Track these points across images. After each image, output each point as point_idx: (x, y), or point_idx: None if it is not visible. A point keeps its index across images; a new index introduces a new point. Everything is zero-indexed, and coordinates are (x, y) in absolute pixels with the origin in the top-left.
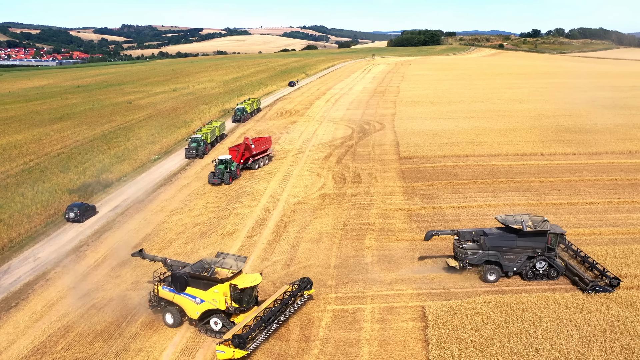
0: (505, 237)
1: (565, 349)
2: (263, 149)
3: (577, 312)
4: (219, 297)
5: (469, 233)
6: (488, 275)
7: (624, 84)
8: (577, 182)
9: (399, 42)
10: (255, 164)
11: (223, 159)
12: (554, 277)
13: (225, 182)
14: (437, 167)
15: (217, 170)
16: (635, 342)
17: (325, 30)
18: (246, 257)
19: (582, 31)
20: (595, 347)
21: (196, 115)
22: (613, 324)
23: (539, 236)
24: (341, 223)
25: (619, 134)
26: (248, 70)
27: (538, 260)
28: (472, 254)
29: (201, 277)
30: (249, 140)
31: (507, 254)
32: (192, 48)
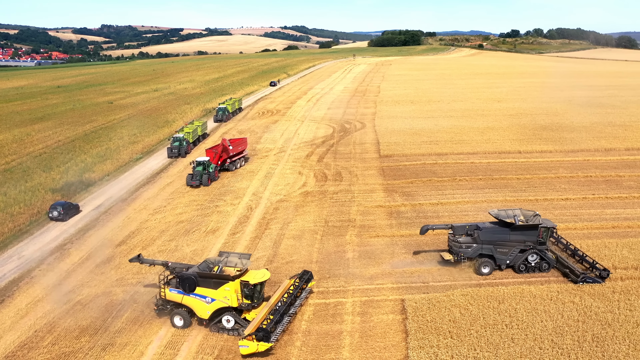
0: (498, 231)
1: (540, 338)
2: (240, 150)
3: (551, 304)
4: (230, 294)
5: (463, 227)
6: (482, 268)
7: (600, 83)
8: (553, 179)
9: (379, 42)
10: (233, 165)
11: (201, 160)
12: (546, 269)
13: (204, 184)
14: (417, 165)
15: (195, 172)
16: (606, 331)
17: (306, 31)
18: (250, 254)
19: (560, 31)
20: (569, 336)
21: (178, 115)
22: (585, 314)
23: (530, 230)
24: (323, 220)
25: (594, 132)
26: (229, 70)
27: (530, 254)
28: (466, 247)
29: (212, 275)
30: (227, 141)
31: (500, 247)
32: (172, 48)
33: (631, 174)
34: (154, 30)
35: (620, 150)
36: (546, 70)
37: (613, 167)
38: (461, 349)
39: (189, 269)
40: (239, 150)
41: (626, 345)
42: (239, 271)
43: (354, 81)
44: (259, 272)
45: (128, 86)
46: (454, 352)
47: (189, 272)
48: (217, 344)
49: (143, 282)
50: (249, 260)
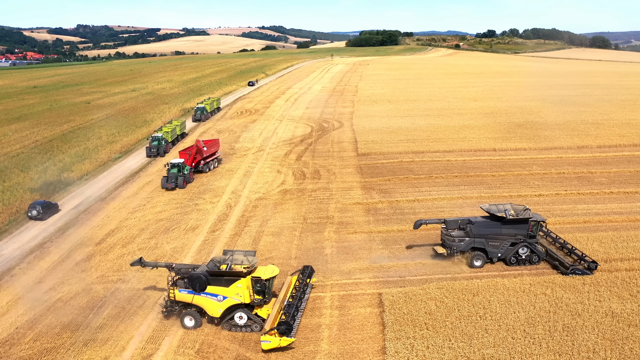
0: (490, 225)
1: (512, 328)
2: (213, 151)
3: (523, 295)
4: (242, 291)
5: (455, 221)
6: (474, 261)
7: (573, 82)
8: (527, 175)
9: (357, 42)
10: (207, 166)
11: (176, 162)
12: (536, 262)
13: (180, 186)
14: (394, 163)
15: (170, 175)
16: (576, 321)
17: (284, 31)
18: (255, 251)
19: (536, 32)
20: (540, 326)
21: (156, 114)
22: (557, 305)
23: (521, 224)
24: (301, 217)
25: (567, 130)
26: (207, 70)
27: (521, 247)
28: (459, 241)
29: (225, 273)
30: (201, 142)
31: (492, 240)
32: (149, 48)
33: (602, 171)
34: (130, 30)
35: (592, 147)
36: (521, 69)
37: (585, 164)
38: (436, 339)
39: (195, 269)
40: (212, 152)
41: (595, 334)
42: (247, 268)
43: (332, 81)
44: (268, 267)
45: (105, 86)
46: (430, 342)
47: (198, 271)
48: (197, 338)
49: (124, 280)
50: (255, 256)
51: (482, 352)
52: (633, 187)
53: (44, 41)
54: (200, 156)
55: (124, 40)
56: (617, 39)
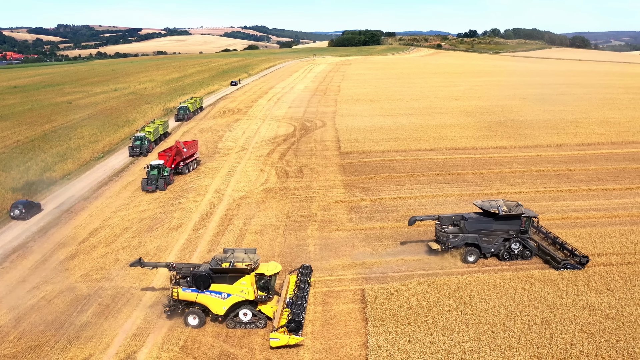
0: (483, 221)
1: (492, 322)
2: (192, 153)
3: (503, 290)
4: (247, 288)
5: (449, 218)
6: (468, 257)
7: (553, 81)
8: (507, 173)
9: (339, 42)
10: (186, 167)
11: (155, 164)
12: (528, 257)
13: (160, 188)
14: (377, 162)
15: (150, 177)
16: (554, 314)
17: (266, 31)
18: (255, 248)
19: (517, 31)
20: (519, 320)
21: (138, 114)
22: (535, 300)
23: (514, 219)
24: (284, 215)
25: (547, 128)
26: (189, 70)
27: (513, 242)
28: (453, 237)
29: (230, 270)
30: (181, 143)
31: (485, 236)
32: (131, 48)
33: (581, 168)
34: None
35: (571, 145)
36: (502, 69)
37: (564, 162)
38: (418, 334)
39: (197, 267)
40: (191, 153)
41: (572, 327)
42: (249, 265)
43: (315, 80)
44: (270, 264)
45: (87, 86)
46: (411, 337)
47: (201, 270)
48: (182, 334)
49: (107, 278)
50: (255, 253)
51: (462, 346)
52: (611, 184)
53: (24, 41)
54: (180, 157)
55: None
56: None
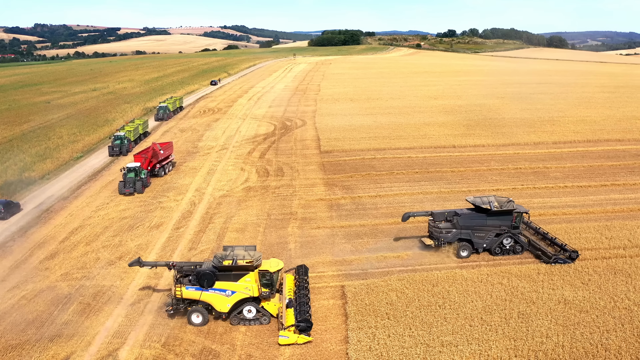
0: (475, 217)
1: (470, 316)
2: (167, 155)
3: (481, 285)
4: (251, 284)
5: (442, 214)
6: (461, 252)
7: (531, 80)
8: (485, 171)
9: (319, 41)
10: (162, 170)
11: (132, 166)
12: (519, 252)
13: (138, 191)
14: (356, 160)
15: (127, 179)
16: (530, 308)
17: (246, 30)
18: (254, 245)
19: (495, 31)
20: (497, 314)
21: (118, 114)
22: (512, 294)
23: (505, 215)
24: (265, 213)
25: (524, 127)
26: (169, 69)
27: (505, 237)
28: (446, 232)
29: (234, 267)
30: (157, 145)
31: (478, 232)
32: (109, 48)
33: (557, 166)
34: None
35: (548, 143)
36: (481, 68)
37: (541, 160)
38: (397, 328)
39: (198, 266)
40: (167, 155)
41: (548, 321)
42: (250, 262)
43: (295, 80)
44: (272, 260)
45: (65, 86)
46: (391, 331)
47: (204, 268)
48: (164, 332)
49: (88, 277)
50: (255, 250)
51: (441, 339)
52: (586, 181)
53: (0, 40)
54: (156, 159)
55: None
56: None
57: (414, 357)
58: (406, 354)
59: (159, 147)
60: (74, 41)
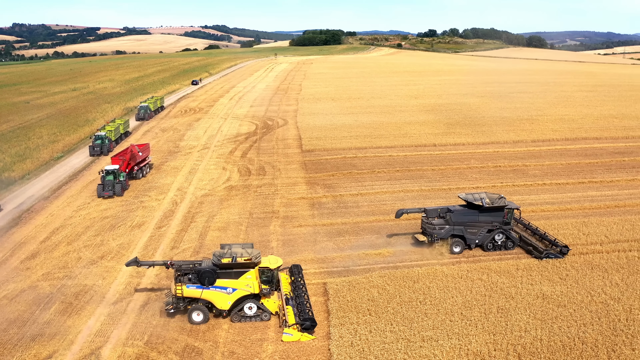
0: (468, 213)
1: (450, 312)
2: (145, 156)
3: (461, 281)
4: (252, 282)
5: (435, 210)
6: (454, 248)
7: (510, 80)
8: (465, 169)
9: (301, 41)
10: (140, 172)
11: (111, 169)
12: (511, 247)
13: (117, 194)
14: (338, 159)
15: (106, 182)
16: (509, 303)
17: (227, 30)
18: (252, 243)
19: (475, 31)
20: (476, 309)
21: (98, 114)
22: (492, 289)
23: (497, 211)
24: (247, 212)
25: (503, 125)
26: (149, 69)
27: (497, 233)
28: (439, 228)
29: (235, 265)
30: (136, 147)
31: (470, 228)
32: (89, 48)
33: (536, 164)
34: (69, 29)
35: (527, 141)
36: (461, 68)
37: (520, 158)
38: (379, 324)
39: (197, 264)
40: (144, 157)
41: (527, 315)
42: (249, 259)
43: (276, 79)
44: (271, 257)
45: (45, 86)
46: (372, 327)
47: (205, 266)
48: (146, 330)
49: (70, 276)
50: (252, 247)
51: (421, 335)
52: (564, 178)
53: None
54: (134, 162)
55: (62, 40)
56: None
57: (395, 352)
58: (387, 349)
59: (137, 149)
60: (53, 41)
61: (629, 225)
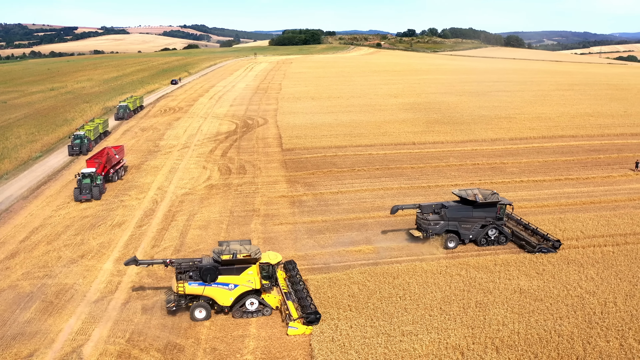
0: (462, 209)
1: (430, 307)
2: (120, 159)
3: (440, 277)
4: (254, 277)
5: (429, 206)
6: (448, 243)
7: (488, 79)
8: (444, 167)
9: (280, 41)
10: (116, 174)
11: (87, 172)
12: (503, 242)
13: (95, 197)
14: (318, 158)
15: (83, 186)
16: (487, 297)
17: (206, 30)
18: (250, 239)
19: (454, 31)
20: (455, 303)
21: (77, 113)
22: (470, 284)
23: (490, 207)
24: (228, 211)
25: (482, 124)
26: (128, 69)
27: (490, 228)
28: (434, 224)
29: (237, 261)
30: (112, 150)
31: (464, 223)
32: (67, 47)
33: (514, 161)
34: (46, 29)
35: (504, 140)
36: (440, 67)
37: (498, 156)
38: (359, 319)
39: (197, 262)
40: (120, 159)
41: (504, 309)
42: (250, 255)
43: (256, 79)
44: (269, 253)
45: (22, 85)
46: (353, 322)
47: (206, 263)
48: (128, 327)
49: (50, 275)
50: (250, 244)
51: (401, 329)
52: (541, 175)
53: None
54: (110, 165)
55: (39, 39)
56: (530, 38)
57: (375, 346)
58: (368, 343)
59: (114, 151)
60: (30, 40)
61: (604, 221)
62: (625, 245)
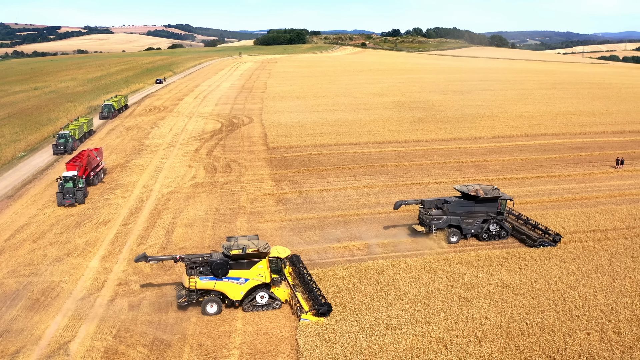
0: (464, 204)
1: (414, 301)
2: (100, 161)
3: (424, 272)
4: (264, 271)
5: (432, 202)
6: (450, 237)
7: (472, 78)
8: (428, 165)
9: (265, 40)
10: (97, 177)
11: (69, 176)
12: (504, 237)
13: (80, 201)
14: (303, 156)
15: (66, 190)
16: (471, 292)
17: (191, 29)
18: (257, 234)
19: (438, 31)
20: (439, 298)
21: (61, 113)
22: (454, 279)
23: (492, 202)
24: (214, 209)
25: (466, 122)
26: (113, 68)
27: (491, 223)
28: (437, 219)
29: (248, 255)
30: (93, 152)
31: (466, 218)
32: (50, 47)
33: (497, 159)
34: (29, 28)
35: (488, 138)
36: (424, 66)
37: (481, 153)
38: (344, 314)
39: (207, 257)
40: (100, 161)
41: (487, 303)
42: (259, 250)
43: (241, 78)
44: (278, 248)
45: (4, 85)
46: (338, 317)
47: (216, 258)
48: (114, 324)
49: (36, 273)
50: (258, 239)
51: (386, 323)
52: (524, 173)
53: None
54: (90, 167)
55: (22, 39)
56: (513, 38)
57: (360, 340)
58: (353, 337)
59: (95, 153)
60: (12, 40)
61: (585, 217)
62: (605, 240)
